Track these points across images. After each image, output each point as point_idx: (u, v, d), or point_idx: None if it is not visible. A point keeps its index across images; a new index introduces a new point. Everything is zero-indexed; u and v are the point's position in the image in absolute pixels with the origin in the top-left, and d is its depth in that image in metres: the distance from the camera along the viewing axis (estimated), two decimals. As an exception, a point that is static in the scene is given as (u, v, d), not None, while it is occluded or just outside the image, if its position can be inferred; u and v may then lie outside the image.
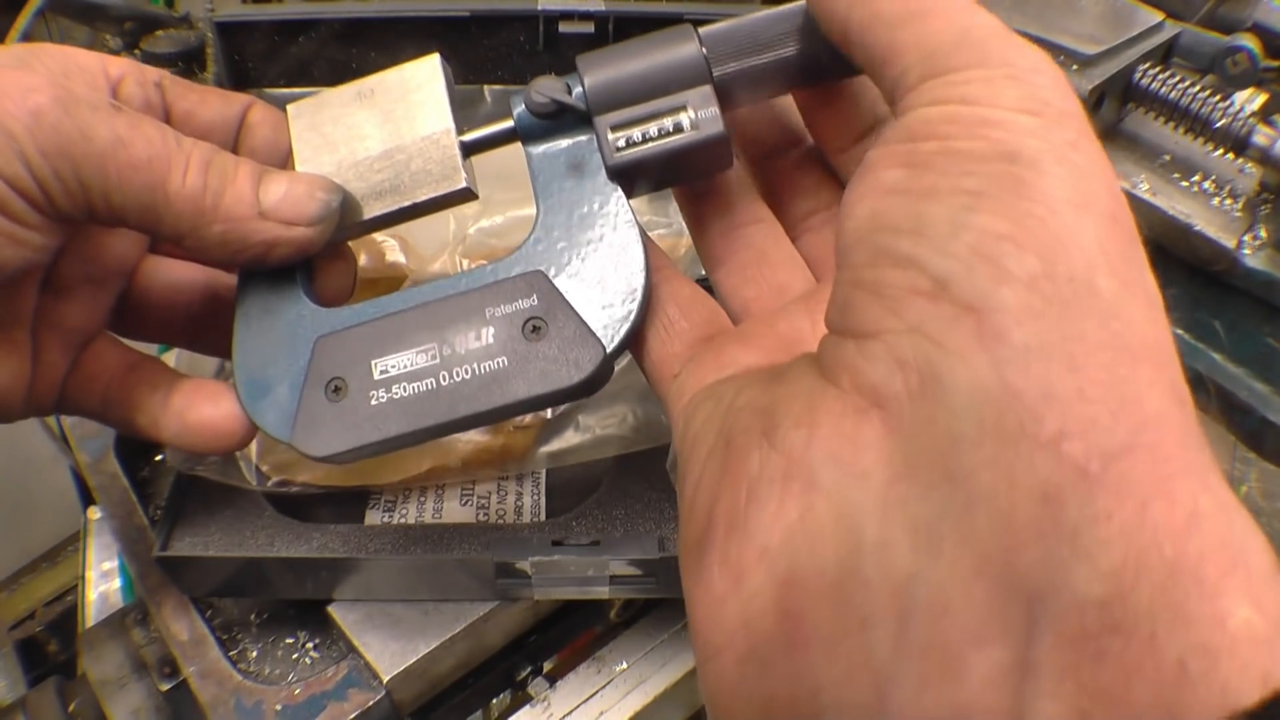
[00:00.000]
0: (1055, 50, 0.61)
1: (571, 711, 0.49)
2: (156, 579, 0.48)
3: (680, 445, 0.27)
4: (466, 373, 0.30)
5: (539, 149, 0.32)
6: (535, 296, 0.30)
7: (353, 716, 0.44)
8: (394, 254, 0.58)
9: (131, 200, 0.29)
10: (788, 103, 0.34)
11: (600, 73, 0.30)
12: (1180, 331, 0.59)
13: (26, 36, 0.67)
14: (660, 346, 0.31)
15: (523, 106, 0.31)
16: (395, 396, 0.30)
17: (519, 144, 0.32)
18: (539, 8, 0.56)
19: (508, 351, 0.30)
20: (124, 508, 0.52)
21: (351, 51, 0.58)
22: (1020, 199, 0.20)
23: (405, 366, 0.30)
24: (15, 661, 0.80)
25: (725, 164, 0.32)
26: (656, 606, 0.53)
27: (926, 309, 0.20)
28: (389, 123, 0.32)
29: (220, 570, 0.46)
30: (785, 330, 0.30)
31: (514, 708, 0.50)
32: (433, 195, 0.32)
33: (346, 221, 0.32)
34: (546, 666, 0.52)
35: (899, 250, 0.21)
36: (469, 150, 0.32)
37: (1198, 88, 0.59)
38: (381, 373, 0.30)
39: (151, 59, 0.67)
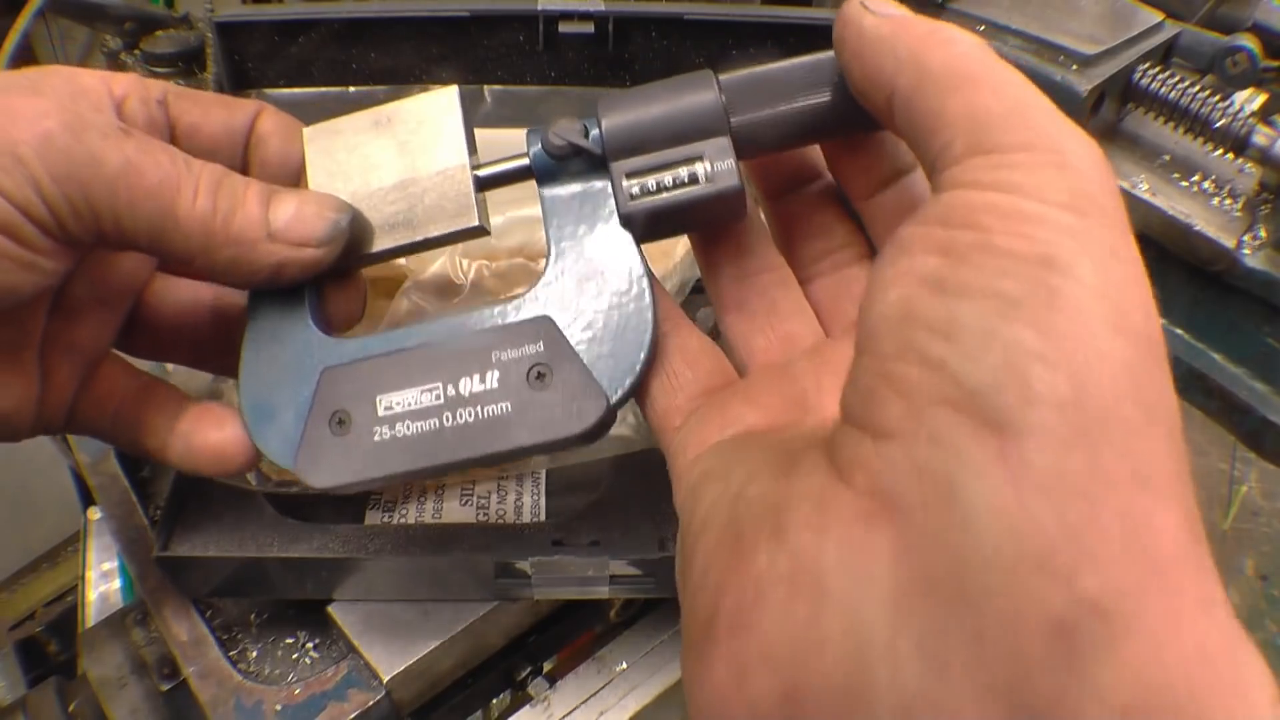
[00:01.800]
0: (1055, 50, 0.61)
1: (571, 711, 0.49)
2: (156, 579, 0.48)
3: (687, 523, 0.27)
4: (470, 415, 0.30)
5: (553, 190, 0.32)
6: (541, 343, 0.30)
7: (353, 716, 0.44)
8: (394, 254, 0.58)
9: (142, 224, 0.29)
10: None
11: (618, 117, 0.30)
12: (1180, 331, 0.59)
13: (26, 36, 0.67)
14: (664, 397, 0.31)
15: (539, 145, 0.31)
16: (398, 434, 0.30)
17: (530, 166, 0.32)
18: (539, 8, 0.56)
19: (511, 397, 0.30)
20: (124, 508, 0.52)
21: (351, 51, 0.58)
22: (1055, 312, 0.19)
23: (409, 405, 0.31)
24: (15, 661, 0.80)
25: (739, 216, 0.32)
26: (656, 606, 0.53)
27: (950, 419, 0.19)
28: (404, 154, 0.33)
29: (220, 570, 0.46)
30: (791, 389, 0.30)
31: (514, 708, 0.50)
32: (445, 231, 0.32)
33: (357, 247, 0.33)
34: (546, 666, 0.52)
35: (928, 350, 0.20)
36: (483, 185, 0.32)
37: (1197, 88, 0.59)
38: (386, 409, 0.31)
39: (151, 59, 0.67)
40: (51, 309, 0.34)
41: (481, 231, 0.32)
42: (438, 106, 0.33)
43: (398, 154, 0.33)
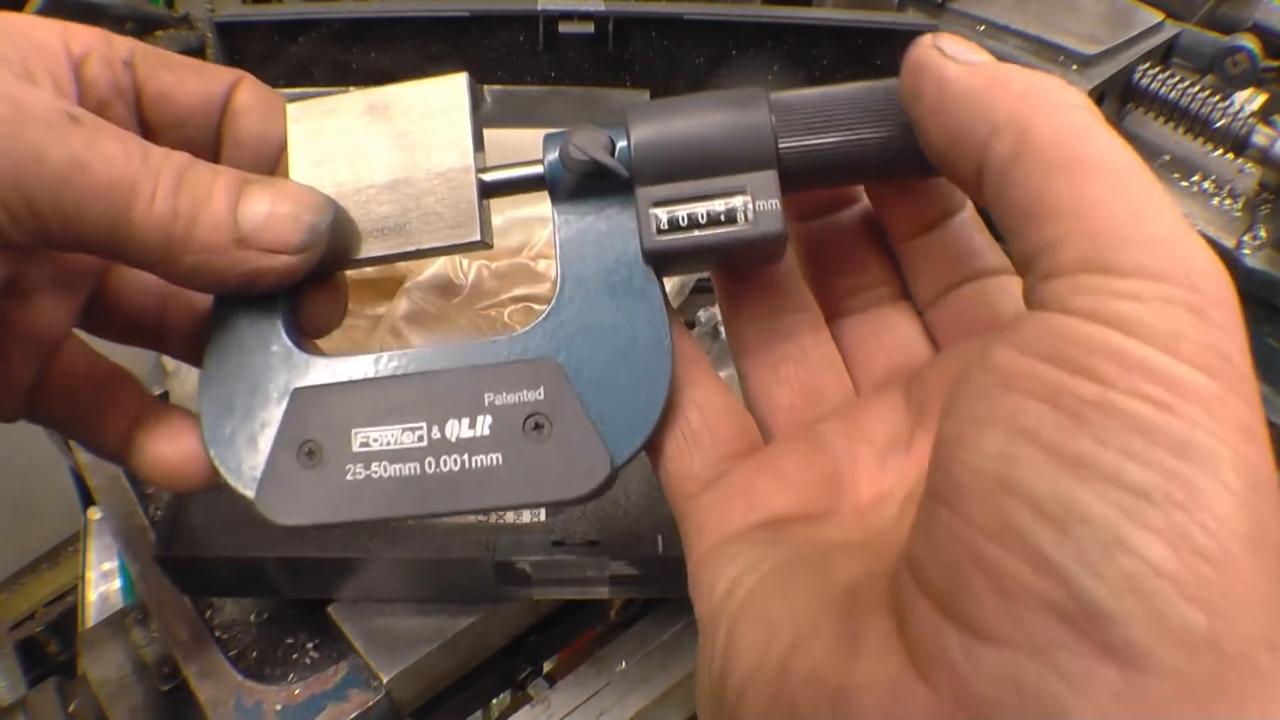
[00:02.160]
0: (1055, 50, 0.61)
1: (571, 711, 0.49)
2: (156, 579, 0.48)
3: (720, 670, 0.23)
4: (455, 464, 0.27)
5: (567, 210, 0.28)
6: (542, 389, 0.27)
7: (353, 716, 0.44)
8: (394, 254, 0.58)
9: (91, 229, 0.26)
10: None
11: (651, 133, 0.26)
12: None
13: (26, 36, 0.67)
14: (680, 460, 0.28)
15: (556, 156, 0.27)
16: (374, 475, 0.27)
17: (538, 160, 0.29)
18: (539, 8, 0.56)
19: (503, 448, 0.27)
20: (124, 508, 0.52)
21: (352, 51, 0.58)
22: (1192, 521, 0.16)
23: (389, 444, 0.27)
24: (15, 661, 0.80)
25: (775, 260, 0.28)
26: (656, 606, 0.53)
27: (1062, 634, 0.16)
28: (402, 149, 0.29)
29: (220, 571, 0.46)
30: (822, 462, 0.26)
31: (514, 708, 0.50)
32: (441, 244, 0.28)
33: (340, 252, 0.29)
34: (546, 667, 0.52)
35: (1037, 541, 0.17)
36: (488, 192, 0.29)
37: (1197, 88, 0.59)
38: (362, 445, 0.27)
39: (151, 59, 0.67)
40: (3, 291, 0.30)
41: (483, 246, 0.29)
42: (444, 96, 0.29)
43: (394, 147, 0.29)
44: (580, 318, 0.27)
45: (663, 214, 0.27)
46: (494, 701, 0.54)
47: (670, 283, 0.58)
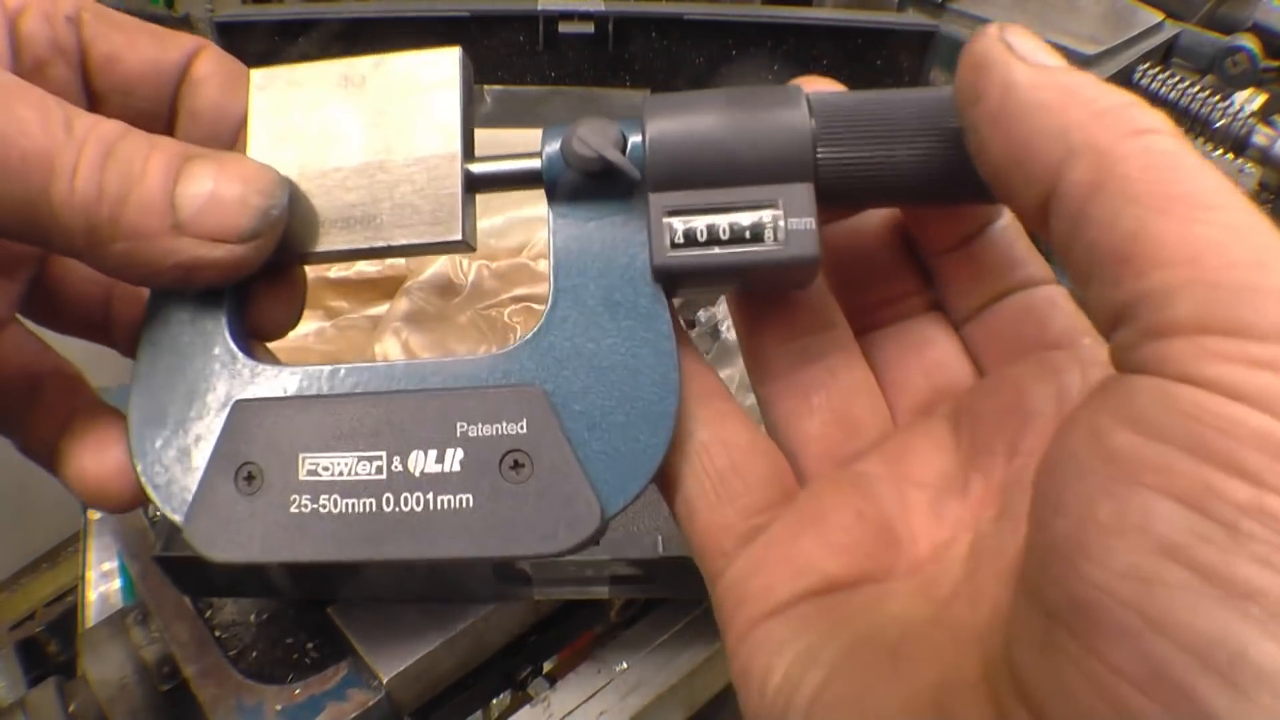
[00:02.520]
0: (1055, 50, 0.61)
1: (571, 711, 0.49)
2: (156, 579, 0.48)
3: None
4: (417, 503, 0.23)
5: (567, 212, 0.24)
6: (525, 422, 0.23)
7: (353, 716, 0.44)
8: (394, 254, 0.58)
9: (5, 210, 0.22)
10: None
11: (669, 128, 0.23)
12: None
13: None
14: (710, 511, 0.24)
15: (557, 149, 0.24)
16: (321, 510, 0.23)
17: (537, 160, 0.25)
18: (539, 8, 0.56)
19: (475, 489, 0.23)
20: (124, 508, 0.52)
21: (352, 51, 0.57)
22: None
23: (341, 473, 0.23)
24: (15, 661, 0.80)
25: (804, 285, 0.25)
26: (656, 606, 0.53)
27: None
28: (378, 128, 0.25)
29: (221, 571, 0.46)
30: (869, 511, 0.23)
31: (514, 708, 0.50)
32: (415, 241, 0.25)
33: (297, 242, 0.25)
34: (546, 666, 0.52)
35: (1208, 706, 0.14)
36: (474, 185, 0.25)
37: (1197, 88, 0.59)
38: (310, 472, 0.24)
39: (151, 59, 0.67)
40: None
41: (463, 247, 0.25)
42: (433, 72, 0.25)
43: (370, 125, 0.25)
44: (574, 340, 0.24)
45: (679, 225, 0.23)
46: (494, 701, 0.54)
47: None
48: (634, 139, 0.23)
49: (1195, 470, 0.14)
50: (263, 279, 0.26)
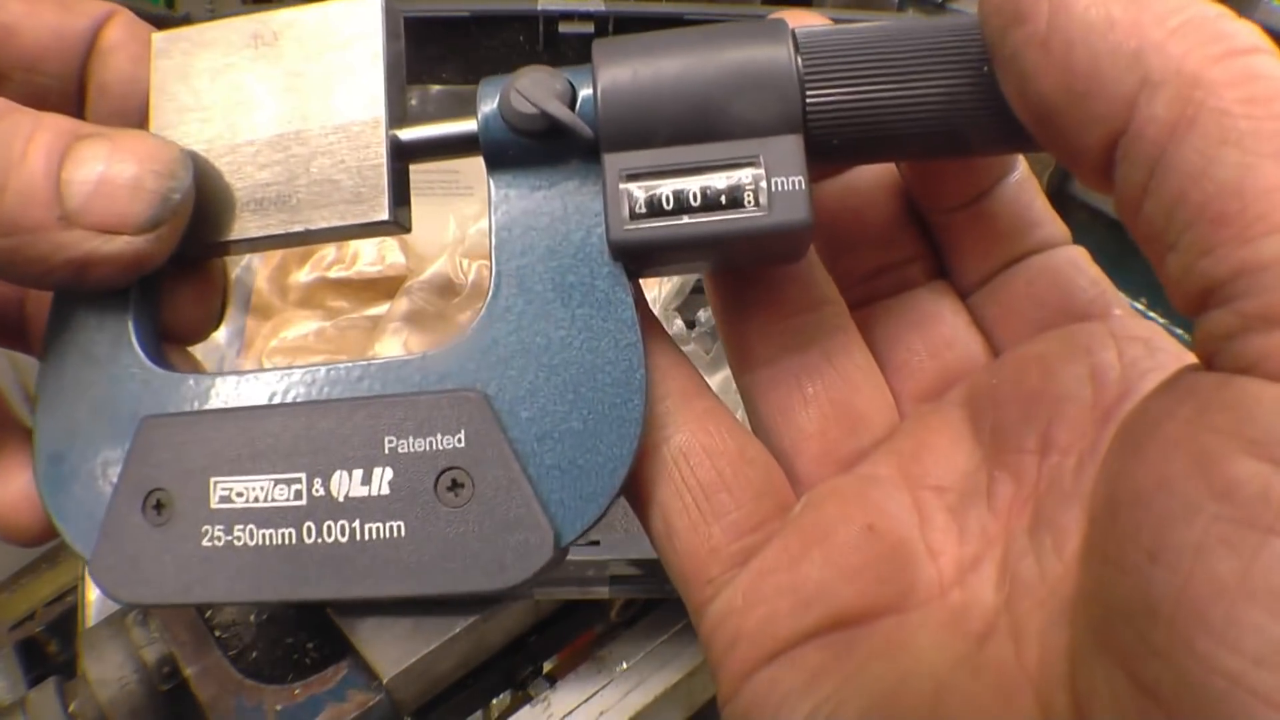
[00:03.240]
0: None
1: (571, 711, 0.49)
2: (156, 579, 0.48)
3: None
4: (342, 533, 0.20)
5: (508, 183, 0.21)
6: (462, 434, 0.20)
7: (353, 717, 0.44)
8: (393, 253, 0.58)
9: None
10: None
11: (625, 76, 0.19)
12: (1180, 331, 0.59)
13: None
14: (693, 534, 0.20)
15: (494, 107, 0.20)
16: (236, 542, 0.20)
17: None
18: (539, 8, 0.56)
19: (407, 515, 0.20)
20: (124, 508, 0.52)
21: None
22: None
23: (256, 499, 0.20)
24: (15, 661, 0.80)
25: (795, 258, 0.21)
26: (656, 606, 0.53)
27: None
28: (292, 92, 0.22)
29: None
30: (883, 523, 0.20)
31: (514, 708, 0.50)
32: (336, 224, 0.21)
33: (206, 230, 0.22)
34: (546, 666, 0.52)
35: None
36: (402, 155, 0.21)
37: (1198, 88, 0.59)
38: (222, 499, 0.21)
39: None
40: None
41: (394, 228, 0.22)
42: (351, 23, 0.21)
43: (283, 90, 0.22)
44: (519, 334, 0.20)
45: (639, 191, 0.19)
46: (494, 701, 0.54)
47: (666, 285, 0.58)
48: (584, 92, 0.20)
49: None
50: (173, 274, 0.23)
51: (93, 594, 0.66)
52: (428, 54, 0.58)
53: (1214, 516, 0.12)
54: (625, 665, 0.51)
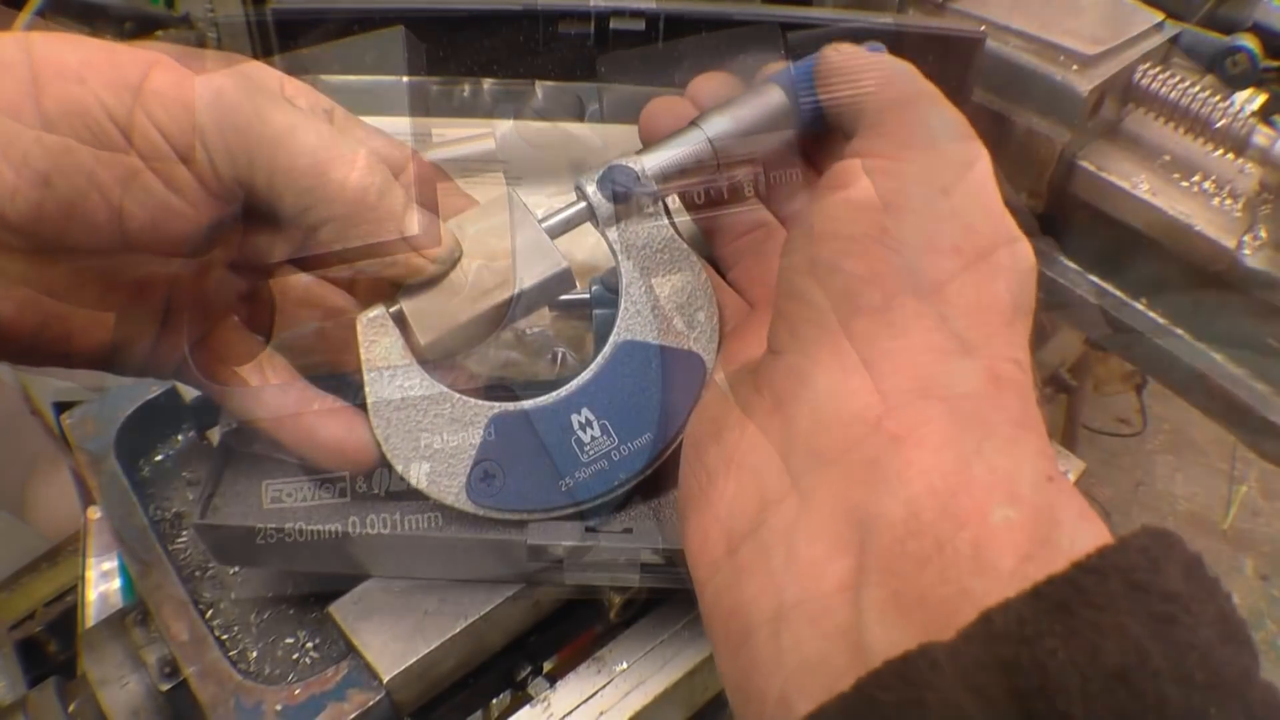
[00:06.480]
0: (1056, 50, 0.61)
1: (571, 711, 0.49)
2: (156, 579, 0.48)
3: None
4: None
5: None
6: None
7: (353, 716, 0.44)
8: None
9: (292, 185, 0.32)
10: None
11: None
12: (1180, 331, 0.59)
13: (26, 36, 0.67)
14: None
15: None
16: None
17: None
18: (539, 7, 0.56)
19: None
20: (124, 508, 0.52)
21: (353, 49, 0.58)
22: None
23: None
24: (15, 661, 0.80)
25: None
26: (657, 606, 0.53)
27: (812, 333, 0.29)
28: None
29: (256, 540, 0.43)
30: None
31: (514, 708, 0.50)
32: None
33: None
34: (546, 666, 0.52)
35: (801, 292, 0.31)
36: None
37: (1198, 88, 0.59)
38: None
39: (151, 59, 0.67)
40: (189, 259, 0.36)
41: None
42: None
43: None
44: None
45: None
46: (494, 701, 0.54)
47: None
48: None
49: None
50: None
51: (92, 594, 0.66)
52: (482, 45, 0.58)
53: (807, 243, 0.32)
54: (625, 665, 0.51)
